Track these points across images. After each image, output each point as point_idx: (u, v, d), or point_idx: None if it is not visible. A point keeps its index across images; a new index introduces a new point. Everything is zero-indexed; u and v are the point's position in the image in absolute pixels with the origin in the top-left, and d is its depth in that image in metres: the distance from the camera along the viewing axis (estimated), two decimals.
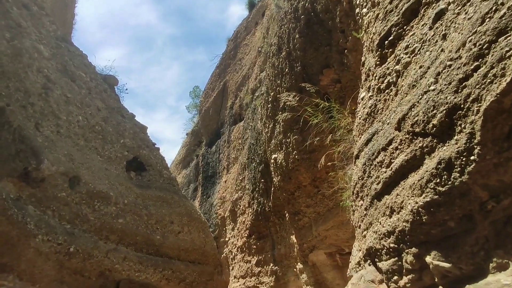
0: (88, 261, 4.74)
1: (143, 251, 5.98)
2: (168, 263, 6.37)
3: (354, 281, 3.50)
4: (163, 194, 6.77)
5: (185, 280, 6.67)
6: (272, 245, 17.92)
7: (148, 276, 5.85)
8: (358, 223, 3.69)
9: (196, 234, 7.18)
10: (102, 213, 5.15)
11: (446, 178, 2.27)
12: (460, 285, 2.21)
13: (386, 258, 2.87)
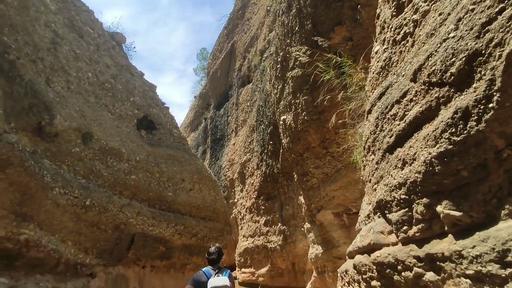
0: (104, 214, 4.89)
1: (156, 207, 6.14)
2: (180, 218, 6.55)
3: (363, 233, 3.56)
4: (174, 153, 6.85)
5: (196, 235, 6.89)
6: (280, 205, 18.29)
7: (161, 231, 6.05)
8: (368, 177, 3.71)
9: (206, 192, 7.33)
10: (115, 169, 5.25)
11: (461, 128, 2.24)
12: (470, 232, 2.24)
13: (396, 209, 2.91)
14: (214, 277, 3.86)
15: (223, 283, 3.77)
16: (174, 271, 6.63)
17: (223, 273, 3.94)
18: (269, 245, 18.58)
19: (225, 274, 3.93)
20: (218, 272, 3.93)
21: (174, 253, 6.42)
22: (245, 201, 22.70)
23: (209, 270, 3.95)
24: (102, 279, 5.00)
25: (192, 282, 3.89)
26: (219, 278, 3.85)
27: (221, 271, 3.98)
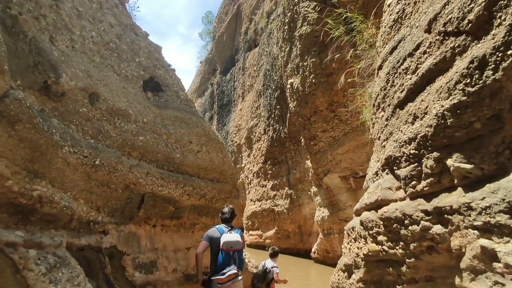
0: (114, 174, 4.96)
1: (164, 168, 6.21)
2: (189, 180, 6.64)
3: (370, 190, 3.58)
4: (181, 115, 6.83)
5: (205, 196, 7.01)
6: (287, 170, 18.48)
7: (171, 191, 6.15)
8: (377, 134, 3.67)
9: (214, 154, 7.37)
10: (123, 130, 5.27)
11: (477, 78, 2.17)
12: (480, 184, 2.23)
13: (405, 165, 2.89)
14: (227, 233, 4.13)
15: (235, 239, 4.04)
16: (184, 230, 6.80)
17: (235, 231, 4.24)
18: (276, 208, 18.96)
19: (237, 232, 4.24)
20: (231, 230, 4.24)
21: (183, 213, 6.56)
22: (252, 166, 22.92)
23: (222, 227, 4.29)
24: (115, 236, 5.15)
25: (206, 238, 4.26)
26: (231, 234, 4.11)
27: (233, 229, 4.29)
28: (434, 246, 2.61)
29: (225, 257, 3.97)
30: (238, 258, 4.05)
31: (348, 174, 11.85)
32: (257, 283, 5.63)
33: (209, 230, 4.39)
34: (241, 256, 4.15)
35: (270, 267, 5.65)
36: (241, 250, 4.12)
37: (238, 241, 4.05)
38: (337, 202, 12.98)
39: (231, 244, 3.97)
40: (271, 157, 19.64)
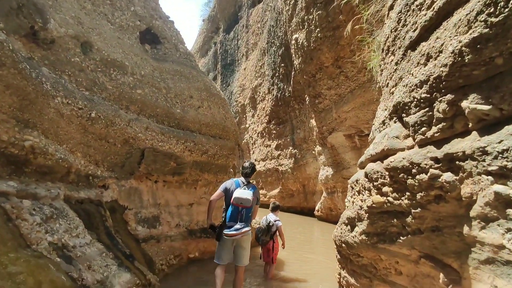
0: (111, 128, 4.83)
1: (165, 124, 6.06)
2: (190, 136, 6.51)
3: (376, 140, 3.41)
4: (181, 68, 6.58)
5: (207, 152, 6.91)
6: (292, 129, 18.31)
7: (171, 147, 6.04)
8: (386, 81, 3.45)
9: (216, 110, 7.19)
10: (119, 82, 5.06)
11: (502, 5, 1.92)
12: (498, 127, 2.04)
13: (415, 110, 2.70)
14: (241, 189, 4.28)
15: (245, 196, 4.14)
16: (186, 186, 6.77)
17: (249, 188, 4.35)
18: (280, 168, 19.02)
19: (251, 189, 4.34)
20: (246, 186, 4.37)
21: (185, 169, 6.49)
22: (257, 126, 22.78)
23: (239, 181, 4.46)
24: (115, 191, 5.10)
25: (222, 187, 4.51)
26: (244, 191, 4.24)
27: (249, 185, 4.41)
28: (443, 195, 2.48)
29: (233, 211, 4.20)
30: (246, 214, 4.18)
31: (353, 132, 11.67)
32: (261, 236, 5.71)
33: (227, 181, 4.61)
34: (249, 213, 4.24)
35: (273, 221, 5.71)
36: (250, 208, 4.20)
37: (248, 199, 4.13)
38: (341, 161, 12.91)
39: (241, 200, 4.12)
40: (275, 117, 19.42)
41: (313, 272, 6.44)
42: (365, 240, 3.68)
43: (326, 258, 7.51)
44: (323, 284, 5.56)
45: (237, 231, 4.10)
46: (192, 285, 5.36)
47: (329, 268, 6.46)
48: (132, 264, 4.21)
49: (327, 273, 6.12)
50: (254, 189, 4.41)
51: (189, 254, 6.53)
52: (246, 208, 4.18)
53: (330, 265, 6.66)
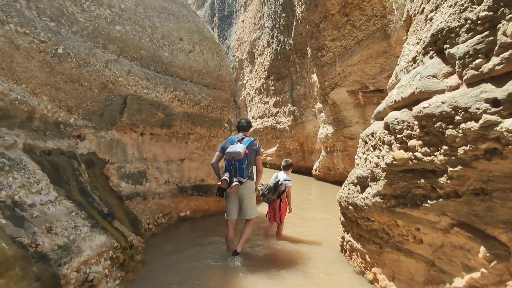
0: (85, 68, 4.13)
1: (150, 68, 5.34)
2: (180, 84, 5.82)
3: (403, 82, 2.76)
4: (168, 5, 5.73)
5: (199, 103, 6.24)
6: (291, 85, 17.49)
7: (158, 95, 5.37)
8: (420, 6, 2.74)
9: (209, 56, 6.42)
10: (94, 15, 4.29)
11: None
12: None
13: (466, 37, 2.03)
14: (234, 144, 4.38)
15: (236, 150, 4.23)
16: (176, 140, 6.17)
17: (243, 142, 4.40)
18: (278, 126, 18.40)
19: (245, 143, 4.38)
20: (240, 140, 4.43)
21: (175, 121, 5.86)
22: (254, 82, 21.85)
23: (234, 138, 4.53)
24: (93, 142, 4.50)
25: (220, 148, 4.56)
26: (236, 145, 4.32)
27: (244, 139, 4.45)
28: (499, 149, 1.88)
29: (227, 165, 4.37)
30: (239, 167, 4.27)
31: (357, 88, 10.94)
32: (268, 193, 5.17)
33: (224, 141, 4.68)
34: (242, 165, 4.29)
35: (283, 180, 5.17)
36: (242, 160, 4.25)
37: (238, 152, 4.20)
38: (342, 119, 12.29)
39: (232, 154, 4.25)
40: (274, 72, 18.50)
41: (314, 233, 6.04)
42: (379, 202, 3.14)
43: (326, 218, 7.10)
44: (326, 246, 5.15)
45: (232, 184, 4.19)
46: (183, 244, 4.92)
47: (329, 229, 6.05)
48: (110, 224, 3.69)
49: (327, 234, 5.72)
50: (249, 142, 4.43)
51: (179, 212, 6.07)
52: (239, 161, 4.26)
53: (331, 226, 6.25)
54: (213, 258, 4.31)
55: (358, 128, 11.79)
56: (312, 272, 4.13)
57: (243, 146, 4.29)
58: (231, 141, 4.49)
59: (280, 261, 4.44)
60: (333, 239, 5.18)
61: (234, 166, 4.29)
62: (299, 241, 5.29)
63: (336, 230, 5.14)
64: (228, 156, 4.29)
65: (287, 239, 5.36)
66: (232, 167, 4.30)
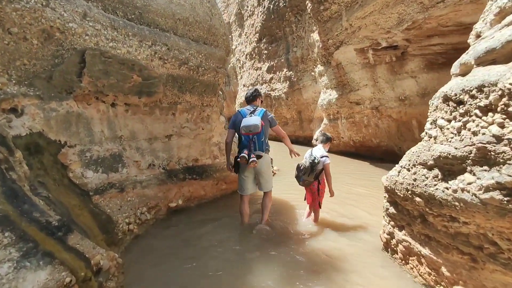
0: (10, 5, 2.68)
1: (118, 14, 3.89)
2: (161, 36, 4.38)
3: None
4: None
5: (187, 63, 4.84)
6: (286, 48, 15.88)
7: (131, 51, 3.95)
8: None
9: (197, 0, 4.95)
10: None
11: None
12: None
13: None
14: (247, 117, 4.03)
15: (253, 123, 3.91)
16: (160, 112, 4.82)
17: (256, 113, 4.07)
18: (273, 93, 16.95)
19: (259, 114, 4.06)
20: (253, 112, 4.10)
21: (156, 87, 4.48)
22: (244, 46, 20.10)
23: (244, 110, 4.19)
24: (38, 118, 3.13)
25: (230, 124, 4.26)
26: (251, 118, 3.98)
27: (256, 111, 4.12)
28: None
29: (245, 141, 4.03)
30: (258, 141, 3.99)
31: (367, 45, 9.54)
32: (303, 175, 4.31)
33: (233, 116, 4.32)
34: (261, 138, 4.01)
35: (319, 157, 4.28)
36: (260, 133, 3.97)
37: (256, 125, 3.92)
38: (348, 82, 10.95)
39: (249, 128, 3.93)
40: (267, 34, 16.83)
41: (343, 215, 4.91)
42: (499, 201, 1.91)
43: (346, 194, 5.95)
44: (362, 237, 4.01)
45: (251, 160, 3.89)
46: (177, 246, 3.72)
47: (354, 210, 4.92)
48: (61, 243, 2.40)
49: (352, 215, 4.60)
50: (262, 112, 4.10)
51: (169, 203, 4.81)
52: (257, 134, 3.97)
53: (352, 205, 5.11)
54: (224, 269, 3.12)
55: (366, 91, 10.50)
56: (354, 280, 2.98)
57: (258, 118, 3.96)
58: (243, 114, 4.15)
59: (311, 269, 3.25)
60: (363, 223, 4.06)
61: (253, 140, 3.98)
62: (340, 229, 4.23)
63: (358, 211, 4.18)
64: (245, 131, 3.96)
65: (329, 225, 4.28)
66: (250, 141, 3.99)
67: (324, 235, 4.14)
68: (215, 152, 5.94)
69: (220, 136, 6.12)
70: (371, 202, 5.76)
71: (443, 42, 8.41)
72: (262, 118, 4.03)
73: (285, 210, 5.20)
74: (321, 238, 4.07)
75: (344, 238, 4.08)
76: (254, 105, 4.27)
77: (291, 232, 4.24)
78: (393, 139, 10.75)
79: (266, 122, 4.11)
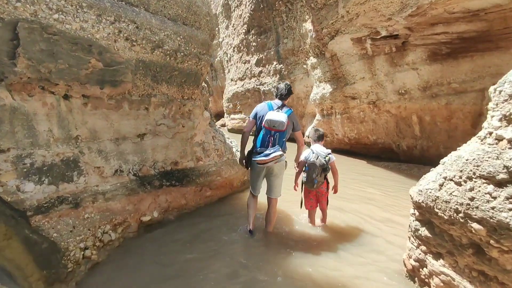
0: None
1: None
2: (127, 11, 3.52)
3: None
4: None
5: (162, 46, 3.98)
6: (276, 39, 14.98)
7: (86, 27, 3.08)
8: None
9: None
10: None
11: None
12: None
13: None
14: (274, 111, 3.78)
15: (280, 119, 3.66)
16: (130, 106, 3.96)
17: (284, 111, 3.80)
18: (262, 87, 16.07)
19: (286, 112, 3.79)
20: (280, 108, 3.85)
21: (123, 75, 3.62)
22: (232, 39, 19.14)
23: (272, 104, 3.94)
24: None
25: (253, 114, 3.98)
26: (278, 113, 3.74)
27: (284, 108, 3.86)
28: None
29: (264, 135, 3.76)
30: (279, 139, 3.71)
31: (365, 35, 8.78)
32: (317, 176, 3.96)
33: (258, 105, 4.06)
34: (283, 138, 3.74)
35: (328, 154, 4.08)
36: (284, 132, 3.69)
37: (282, 122, 3.64)
38: (344, 75, 10.20)
39: (274, 123, 3.67)
40: (256, 25, 15.96)
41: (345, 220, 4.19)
42: None
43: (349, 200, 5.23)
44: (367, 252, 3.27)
45: (267, 157, 3.60)
46: (150, 277, 2.89)
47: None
48: None
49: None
50: (289, 112, 3.82)
51: (141, 216, 3.96)
52: (280, 132, 3.69)
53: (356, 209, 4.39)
54: None
55: (363, 85, 9.76)
56: None
57: (285, 116, 3.70)
58: (269, 107, 3.87)
59: None
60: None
61: (273, 137, 3.71)
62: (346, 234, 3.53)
63: None
64: (269, 125, 3.69)
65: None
66: (270, 137, 3.72)
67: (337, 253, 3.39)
68: (199, 153, 5.10)
69: (204, 135, 5.29)
70: (374, 208, 5.06)
71: (448, 31, 7.70)
72: (289, 117, 3.74)
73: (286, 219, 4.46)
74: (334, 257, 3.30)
75: (355, 256, 3.33)
76: (283, 102, 3.92)
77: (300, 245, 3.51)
78: (391, 135, 10.07)
79: (291, 123, 3.81)
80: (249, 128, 4.01)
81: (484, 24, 7.26)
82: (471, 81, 7.93)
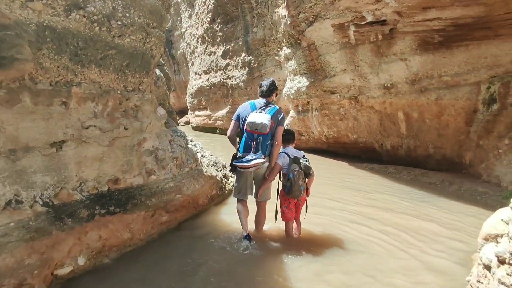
0: None
1: None
2: None
3: None
4: None
5: (83, 7, 2.59)
6: (245, 28, 13.58)
7: None
8: None
9: None
10: None
11: None
12: None
13: None
14: (256, 112, 3.61)
15: (262, 121, 3.50)
16: (34, 99, 2.56)
17: (267, 111, 3.63)
18: (230, 81, 14.66)
19: (269, 112, 3.63)
20: (264, 108, 3.66)
21: (14, 48, 2.20)
22: (195, 29, 17.53)
23: (255, 103, 3.75)
24: None
25: (236, 115, 3.82)
26: (260, 114, 3.58)
27: (268, 107, 3.68)
28: None
29: (247, 139, 3.61)
30: (263, 143, 3.54)
31: (348, 20, 7.69)
32: (303, 183, 3.64)
33: (241, 105, 3.92)
34: (266, 142, 3.56)
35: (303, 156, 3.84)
36: (267, 135, 3.52)
37: (264, 124, 3.44)
38: (322, 66, 9.11)
39: (256, 126, 3.49)
40: (222, 13, 14.57)
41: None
42: None
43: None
44: None
45: (248, 163, 3.41)
46: None
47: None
48: None
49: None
50: (273, 111, 3.58)
51: (55, 270, 2.58)
52: (263, 135, 3.51)
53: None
54: None
55: (344, 78, 8.71)
56: None
57: (268, 117, 3.48)
58: (252, 107, 3.66)
59: None
60: None
61: (256, 141, 3.51)
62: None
63: None
64: (251, 128, 3.49)
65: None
66: (253, 141, 3.52)
67: None
68: (150, 165, 3.74)
69: (158, 139, 3.93)
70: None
71: (441, 17, 6.73)
72: (272, 117, 3.54)
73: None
74: None
75: None
76: (267, 100, 3.71)
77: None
78: (374, 134, 9.14)
79: (275, 122, 3.59)
80: (233, 131, 3.78)
81: (483, 8, 6.32)
82: (464, 74, 7.08)
